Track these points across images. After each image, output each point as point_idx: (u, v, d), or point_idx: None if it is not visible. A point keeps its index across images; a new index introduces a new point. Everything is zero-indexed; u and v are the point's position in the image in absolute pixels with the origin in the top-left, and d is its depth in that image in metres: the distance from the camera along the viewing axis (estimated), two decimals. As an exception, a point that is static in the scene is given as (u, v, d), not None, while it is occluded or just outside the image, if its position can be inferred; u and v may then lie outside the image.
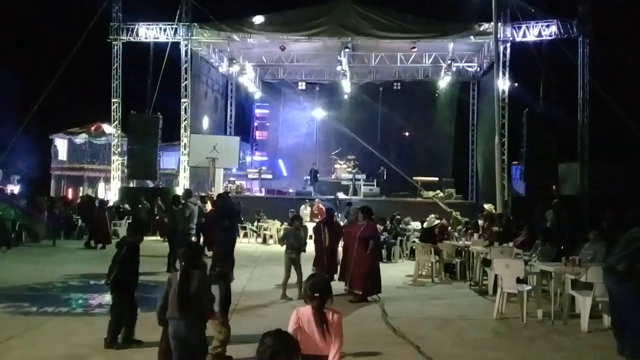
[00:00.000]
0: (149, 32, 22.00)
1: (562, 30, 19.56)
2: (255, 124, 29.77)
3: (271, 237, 19.54)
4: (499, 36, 19.12)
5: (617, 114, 17.66)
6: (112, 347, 6.18)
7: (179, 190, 19.00)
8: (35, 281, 10.40)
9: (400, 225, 16.51)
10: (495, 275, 8.79)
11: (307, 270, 8.93)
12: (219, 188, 21.55)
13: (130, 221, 19.75)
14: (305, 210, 19.31)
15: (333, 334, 3.63)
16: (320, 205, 19.40)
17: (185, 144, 22.10)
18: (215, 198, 12.34)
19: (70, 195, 28.53)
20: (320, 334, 3.61)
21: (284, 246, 9.83)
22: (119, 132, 23.03)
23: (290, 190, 23.91)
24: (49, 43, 27.65)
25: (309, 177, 23.46)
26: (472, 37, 20.91)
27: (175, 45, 21.85)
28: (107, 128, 26.78)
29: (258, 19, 20.62)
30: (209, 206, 15.63)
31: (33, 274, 11.13)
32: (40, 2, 30.63)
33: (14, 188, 24.82)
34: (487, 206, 17.69)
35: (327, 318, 3.66)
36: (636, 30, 18.46)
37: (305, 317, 3.67)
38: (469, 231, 13.99)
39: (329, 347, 3.62)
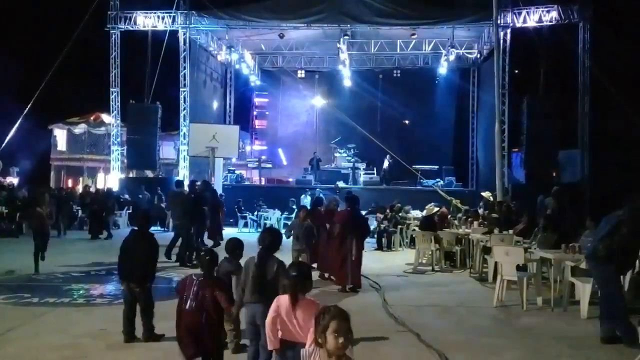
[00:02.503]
0: (147, 21, 21.87)
1: (562, 16, 19.43)
2: (255, 112, 29.69)
3: (271, 225, 19.56)
4: (499, 22, 18.99)
5: (618, 101, 17.60)
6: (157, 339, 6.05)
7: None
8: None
9: (400, 214, 16.53)
10: (495, 263, 8.81)
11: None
12: (219, 177, 21.55)
13: (130, 211, 19.84)
14: (305, 200, 19.31)
15: (310, 322, 3.65)
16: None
17: (184, 133, 22.06)
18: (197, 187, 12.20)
19: (70, 186, 28.55)
20: (296, 321, 3.75)
21: (290, 238, 9.61)
22: (119, 121, 22.99)
23: (290, 180, 23.90)
24: (46, 32, 27.50)
25: (310, 166, 23.43)
26: (471, 23, 20.78)
27: (174, 34, 21.74)
28: (106, 118, 26.72)
29: None
30: None
31: (33, 265, 11.13)
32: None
33: (14, 180, 24.79)
34: (485, 194, 17.67)
35: (303, 306, 3.79)
36: (637, 16, 18.33)
37: (284, 305, 3.83)
38: (469, 219, 13.99)
39: (305, 335, 3.68)
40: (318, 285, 9.47)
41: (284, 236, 6.12)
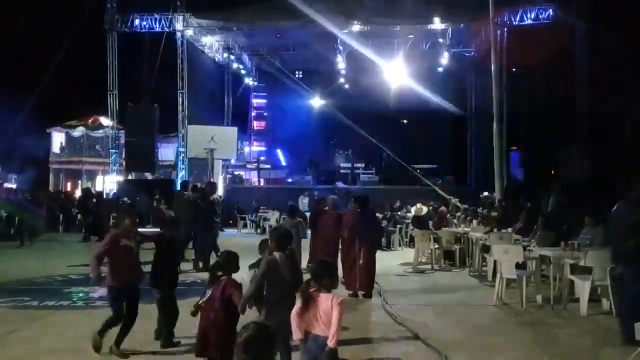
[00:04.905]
0: (144, 23, 21.89)
1: (559, 14, 19.47)
2: (253, 113, 29.72)
3: (271, 226, 19.56)
4: (496, 20, 18.99)
5: (616, 97, 17.60)
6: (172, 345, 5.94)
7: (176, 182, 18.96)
8: (35, 275, 10.41)
9: (399, 213, 16.55)
10: (495, 261, 8.81)
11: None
12: (218, 179, 21.56)
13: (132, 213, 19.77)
14: (304, 200, 19.33)
15: (333, 316, 3.85)
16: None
17: (183, 135, 22.05)
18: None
19: (69, 189, 28.52)
20: (319, 315, 3.89)
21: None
22: (117, 124, 22.99)
23: (289, 180, 23.92)
24: (43, 35, 27.44)
25: (309, 167, 23.47)
26: (469, 21, 20.82)
27: (171, 36, 21.75)
28: (104, 120, 26.71)
29: None
30: None
31: (33, 268, 11.14)
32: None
33: (12, 186, 24.77)
34: (485, 194, 17.68)
35: (326, 301, 3.90)
36: (635, 13, 18.30)
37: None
38: (468, 218, 14.00)
39: (326, 327, 3.86)
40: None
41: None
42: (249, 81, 28.06)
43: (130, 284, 5.87)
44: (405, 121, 27.09)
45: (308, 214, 12.93)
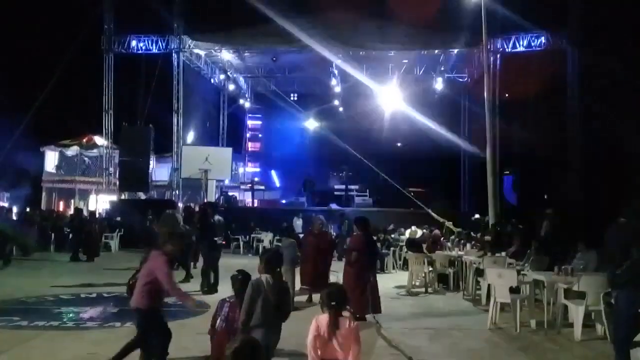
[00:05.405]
0: (140, 44, 22.06)
1: (551, 41, 19.78)
2: (248, 135, 29.85)
3: (264, 248, 19.46)
4: (488, 47, 19.28)
5: (609, 124, 17.82)
6: None
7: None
8: (25, 295, 10.28)
9: (392, 235, 16.54)
10: (489, 285, 8.80)
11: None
12: (212, 200, 21.51)
13: (122, 234, 19.67)
14: (297, 222, 19.28)
15: (351, 340, 3.85)
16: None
17: (177, 155, 22.05)
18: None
19: (61, 208, 28.34)
20: (336, 340, 3.85)
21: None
22: (111, 143, 22.98)
23: (283, 202, 23.91)
24: (39, 54, 27.56)
25: (303, 188, 23.50)
26: (462, 48, 21.11)
27: (168, 57, 21.90)
28: (98, 140, 26.69)
29: None
30: None
31: (24, 288, 11.01)
32: (32, 14, 30.57)
33: (4, 204, 24.61)
34: (476, 217, 17.73)
35: (343, 325, 3.90)
36: (627, 40, 18.65)
37: (323, 325, 3.92)
38: (462, 241, 14.00)
39: (345, 354, 3.83)
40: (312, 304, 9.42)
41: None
42: (244, 103, 28.20)
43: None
44: (399, 144, 27.24)
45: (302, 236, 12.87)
